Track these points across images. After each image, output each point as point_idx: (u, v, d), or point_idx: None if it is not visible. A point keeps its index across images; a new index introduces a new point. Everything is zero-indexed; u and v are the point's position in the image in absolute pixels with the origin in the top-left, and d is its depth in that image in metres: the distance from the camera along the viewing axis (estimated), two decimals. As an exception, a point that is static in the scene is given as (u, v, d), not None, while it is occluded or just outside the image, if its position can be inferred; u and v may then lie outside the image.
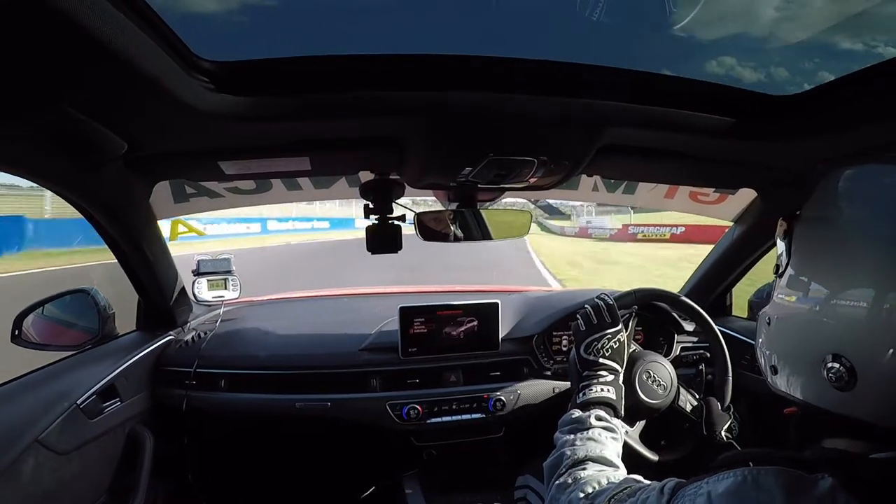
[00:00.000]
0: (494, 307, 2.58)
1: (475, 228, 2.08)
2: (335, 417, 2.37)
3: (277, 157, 1.68)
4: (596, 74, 1.36)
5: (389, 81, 1.29)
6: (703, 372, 2.31)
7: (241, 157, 1.67)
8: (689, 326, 2.50)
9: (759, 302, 2.71)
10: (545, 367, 2.59)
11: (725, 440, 1.92)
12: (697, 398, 2.07)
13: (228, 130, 1.41)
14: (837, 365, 0.92)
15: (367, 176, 2.02)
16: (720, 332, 2.18)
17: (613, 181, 2.72)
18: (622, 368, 1.80)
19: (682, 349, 2.61)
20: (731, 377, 2.10)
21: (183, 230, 2.78)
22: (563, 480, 1.41)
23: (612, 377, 1.76)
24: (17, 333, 1.97)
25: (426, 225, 2.03)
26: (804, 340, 1.01)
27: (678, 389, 2.02)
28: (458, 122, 1.46)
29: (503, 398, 2.49)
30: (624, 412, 1.84)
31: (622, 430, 1.61)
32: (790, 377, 1.07)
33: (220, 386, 2.37)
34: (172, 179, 2.17)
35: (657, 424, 2.03)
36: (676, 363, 2.23)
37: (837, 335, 0.93)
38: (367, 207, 2.01)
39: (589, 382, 1.73)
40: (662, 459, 1.99)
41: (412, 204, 2.25)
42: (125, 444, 2.18)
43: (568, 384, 2.16)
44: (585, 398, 1.69)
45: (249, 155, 1.66)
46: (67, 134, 1.30)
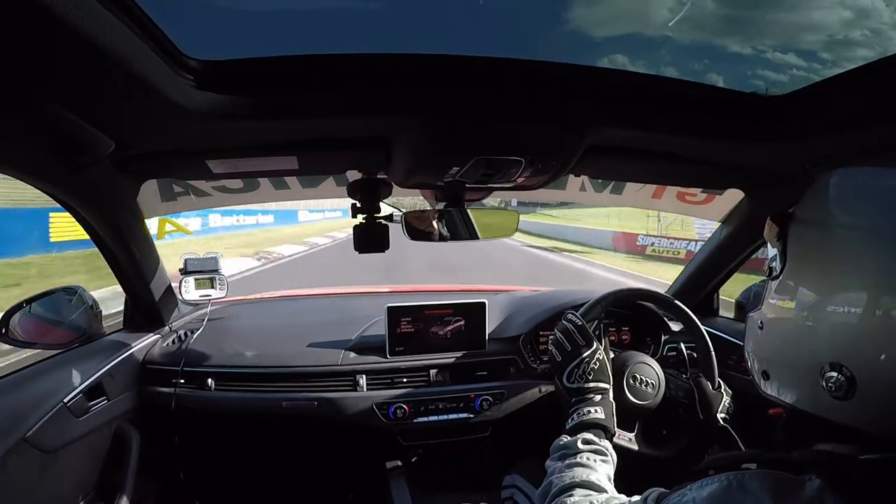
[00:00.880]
0: (481, 307, 2.59)
1: (462, 228, 2.08)
2: (322, 417, 2.37)
3: (265, 156, 1.68)
4: (583, 75, 1.36)
5: (377, 81, 1.29)
6: (686, 360, 2.33)
7: (228, 156, 1.67)
8: (675, 326, 2.51)
9: (745, 302, 2.72)
10: (532, 366, 2.59)
11: (722, 422, 1.91)
12: (686, 381, 2.08)
13: (216, 129, 1.41)
14: (836, 374, 0.90)
15: (354, 175, 2.02)
16: (700, 323, 2.16)
17: (601, 181, 2.73)
18: (610, 383, 1.78)
19: (668, 348, 2.62)
20: (714, 356, 2.09)
21: (170, 228, 2.78)
22: None
23: (599, 397, 1.73)
24: (3, 331, 1.96)
25: (413, 224, 2.02)
26: (800, 347, 0.99)
27: (667, 381, 2.02)
28: (445, 121, 1.46)
29: (490, 398, 2.50)
30: (619, 418, 1.85)
31: (612, 452, 1.57)
32: (783, 384, 1.06)
33: (206, 385, 2.37)
34: (160, 178, 2.17)
35: (654, 419, 2.03)
36: (664, 362, 2.24)
37: (837, 343, 0.92)
38: (354, 207, 2.01)
39: (577, 407, 1.71)
40: (666, 454, 2.00)
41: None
42: (112, 442, 2.18)
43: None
44: (573, 423, 1.66)
45: (237, 154, 1.66)
46: (55, 133, 1.30)
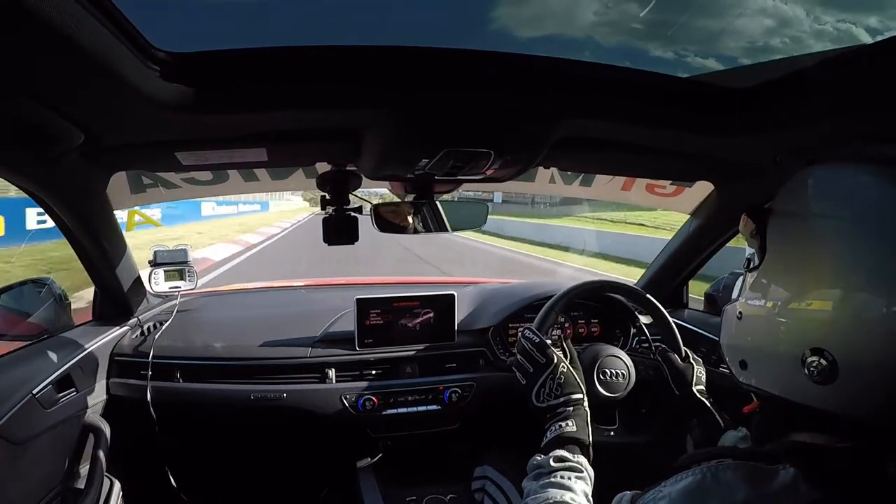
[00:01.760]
0: (451, 299, 2.61)
1: (432, 220, 2.08)
2: (290, 409, 2.38)
3: (234, 148, 1.68)
4: (552, 66, 1.37)
5: (346, 73, 1.30)
6: (650, 342, 2.37)
7: (197, 147, 1.67)
8: (645, 319, 2.54)
9: (716, 294, 2.74)
10: (501, 358, 2.60)
11: (698, 395, 1.91)
12: (654, 359, 2.09)
13: (185, 121, 1.40)
14: (818, 359, 0.92)
15: (324, 167, 2.02)
16: (659, 304, 2.21)
17: (570, 173, 2.74)
18: (582, 390, 1.76)
19: (637, 340, 2.66)
20: (674, 328, 2.13)
21: (139, 220, 2.77)
22: None
23: (571, 408, 1.71)
24: (-29, 323, 1.96)
25: (383, 216, 2.03)
26: (781, 335, 1.01)
27: (636, 365, 2.05)
28: (414, 114, 1.46)
29: (459, 390, 2.52)
30: (597, 413, 1.86)
31: (588, 467, 1.56)
32: (764, 372, 1.08)
33: (175, 376, 2.37)
34: (129, 170, 2.16)
35: (632, 405, 2.06)
36: (633, 352, 2.27)
37: (819, 330, 0.94)
38: (323, 199, 2.01)
39: (550, 423, 1.69)
40: (650, 438, 2.03)
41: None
42: (81, 434, 2.17)
43: None
44: (546, 440, 1.65)
45: (206, 146, 1.66)
46: (23, 124, 1.29)
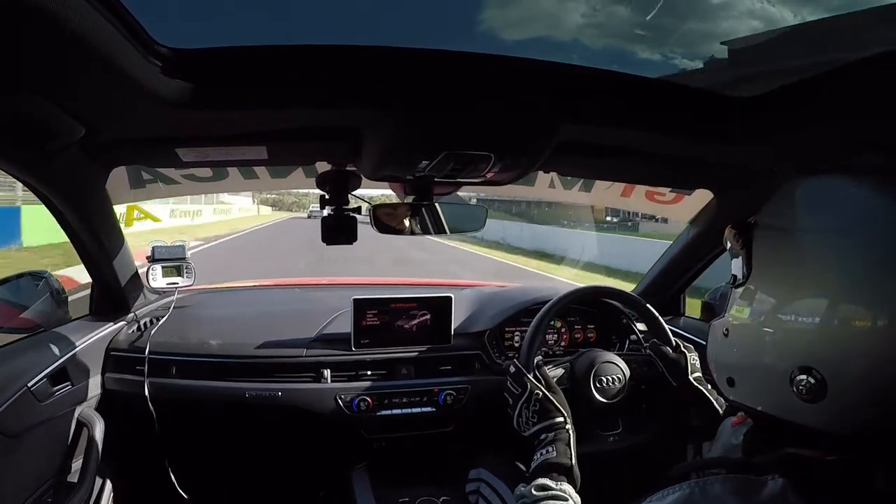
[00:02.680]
0: (448, 301, 2.61)
1: (431, 222, 2.08)
2: (285, 407, 2.38)
3: (234, 145, 1.68)
4: (554, 70, 1.36)
5: (346, 73, 1.30)
6: (640, 339, 2.40)
7: (198, 144, 1.67)
8: (641, 325, 2.54)
9: (713, 303, 2.74)
10: (496, 362, 2.61)
11: (695, 383, 1.94)
12: (647, 354, 2.14)
13: (185, 117, 1.40)
14: (807, 377, 0.91)
15: (324, 167, 2.02)
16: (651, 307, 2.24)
17: (570, 178, 2.75)
18: (563, 413, 1.79)
19: (630, 346, 2.65)
20: (661, 319, 2.18)
21: (139, 216, 2.77)
22: None
23: (552, 434, 1.73)
24: (-33, 314, 1.96)
25: (381, 217, 2.02)
26: (769, 353, 1.00)
27: (629, 364, 2.07)
28: (415, 115, 1.46)
29: (453, 392, 2.52)
30: (600, 420, 1.88)
31: (573, 494, 1.57)
32: (751, 389, 1.07)
33: (170, 372, 2.37)
34: (129, 165, 2.16)
35: (632, 406, 2.07)
36: (627, 353, 2.28)
37: (807, 347, 0.93)
38: (322, 198, 2.01)
39: (535, 452, 1.72)
40: (654, 436, 2.04)
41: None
42: (75, 427, 2.17)
43: None
44: (531, 469, 1.68)
45: (206, 143, 1.66)
46: (24, 117, 1.30)
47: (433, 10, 1.31)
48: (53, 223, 2.00)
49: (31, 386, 1.87)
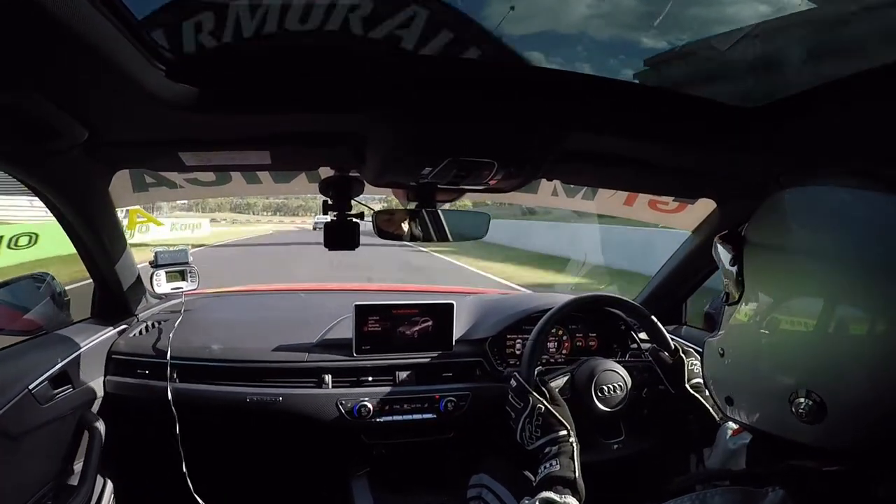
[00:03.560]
0: (449, 308, 2.60)
1: (433, 229, 2.07)
2: (286, 412, 2.37)
3: (238, 149, 1.68)
4: (558, 79, 1.36)
5: (349, 77, 1.30)
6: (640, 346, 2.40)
7: (201, 148, 1.67)
8: (642, 334, 2.54)
9: (714, 313, 2.72)
10: (498, 369, 2.60)
11: (692, 391, 1.95)
12: (647, 360, 2.15)
13: (189, 121, 1.41)
14: (805, 400, 0.90)
15: (327, 172, 2.02)
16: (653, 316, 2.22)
17: (573, 186, 2.75)
18: (566, 426, 1.78)
19: (631, 354, 2.66)
20: (659, 325, 2.17)
21: (141, 219, 2.78)
22: None
23: (556, 447, 1.73)
24: (-31, 316, 1.97)
25: (384, 223, 2.02)
26: (767, 374, 0.99)
27: (629, 372, 2.07)
28: (418, 121, 1.45)
29: (454, 399, 2.51)
30: (603, 428, 1.88)
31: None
32: (750, 409, 1.06)
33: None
34: (132, 168, 2.16)
35: (634, 413, 2.08)
36: (628, 360, 2.28)
37: (806, 370, 0.92)
38: (325, 203, 2.01)
39: (539, 466, 1.71)
40: (656, 441, 2.06)
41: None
42: (76, 430, 2.18)
43: None
44: (535, 483, 1.66)
45: (210, 147, 1.66)
46: (29, 119, 1.30)
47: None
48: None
49: (32, 388, 1.88)
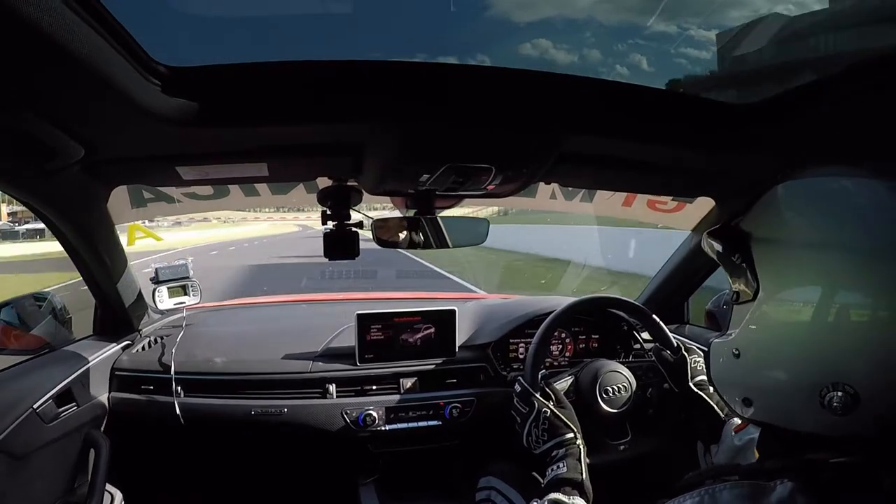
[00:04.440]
0: (451, 314, 2.61)
1: (432, 236, 2.06)
2: (291, 424, 2.37)
3: (235, 162, 1.67)
4: (554, 82, 1.36)
5: (346, 88, 1.29)
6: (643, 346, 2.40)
7: (198, 162, 1.67)
8: (645, 334, 2.54)
9: (716, 311, 2.72)
10: (501, 374, 2.60)
11: (695, 389, 1.94)
12: (650, 360, 2.15)
13: (185, 135, 1.40)
14: (839, 393, 0.89)
15: (324, 182, 2.02)
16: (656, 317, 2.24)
17: (571, 189, 2.75)
18: (571, 428, 1.80)
19: (634, 354, 2.66)
20: (661, 324, 2.18)
21: (140, 235, 2.78)
22: None
23: (563, 450, 1.74)
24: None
25: (383, 232, 2.03)
26: (793, 372, 0.97)
27: (633, 372, 2.07)
28: (415, 129, 1.46)
29: (459, 405, 2.51)
30: (609, 429, 1.90)
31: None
32: (773, 407, 1.04)
33: (176, 390, 2.36)
34: (130, 184, 2.16)
35: (639, 412, 2.07)
36: (631, 361, 2.29)
37: (836, 363, 0.91)
38: (324, 214, 2.01)
39: (547, 468, 1.72)
40: (663, 440, 2.06)
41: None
42: (81, 448, 2.17)
43: None
44: (543, 486, 1.68)
45: (207, 160, 1.66)
46: (24, 138, 1.29)
47: (432, 22, 1.31)
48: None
49: (36, 408, 1.87)
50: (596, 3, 1.31)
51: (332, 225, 2.00)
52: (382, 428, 2.43)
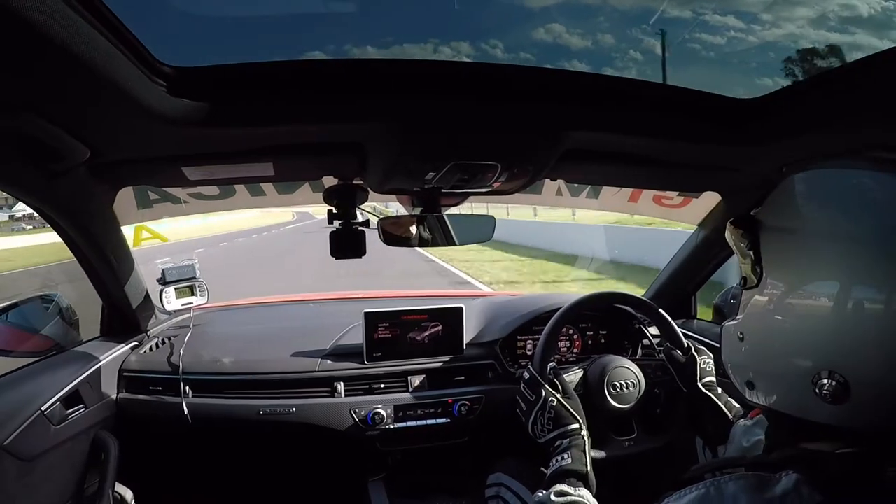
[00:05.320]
0: (459, 312, 2.60)
1: (439, 233, 2.06)
2: (299, 423, 2.37)
3: (241, 162, 1.67)
4: (559, 78, 1.36)
5: (351, 87, 1.29)
6: (653, 345, 2.41)
7: (204, 162, 1.67)
8: (653, 329, 2.53)
9: (724, 305, 2.72)
10: (510, 371, 2.60)
11: (704, 389, 1.92)
12: (659, 359, 2.14)
13: (191, 136, 1.40)
14: (829, 381, 0.91)
15: (330, 181, 2.01)
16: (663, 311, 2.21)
17: (577, 185, 2.74)
18: (578, 420, 1.79)
19: (643, 350, 2.66)
20: (671, 322, 2.15)
21: (146, 236, 2.78)
22: None
23: (567, 440, 1.74)
24: (-22, 340, 1.97)
25: (389, 230, 2.03)
26: (789, 357, 0.99)
27: (642, 370, 2.06)
28: (420, 127, 1.45)
29: (467, 403, 2.51)
30: (615, 425, 1.91)
31: (591, 499, 1.58)
32: (772, 391, 1.06)
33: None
34: (136, 185, 2.16)
35: (647, 410, 2.07)
36: (641, 358, 2.29)
37: (829, 351, 0.92)
38: (330, 213, 2.00)
39: (551, 458, 1.72)
40: (669, 439, 2.04)
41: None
42: (90, 449, 2.17)
43: None
44: (548, 476, 1.68)
45: (213, 160, 1.66)
46: (30, 140, 1.29)
47: (436, 21, 1.31)
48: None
49: (44, 410, 1.88)
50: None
51: (338, 224, 2.00)
52: (391, 426, 2.43)
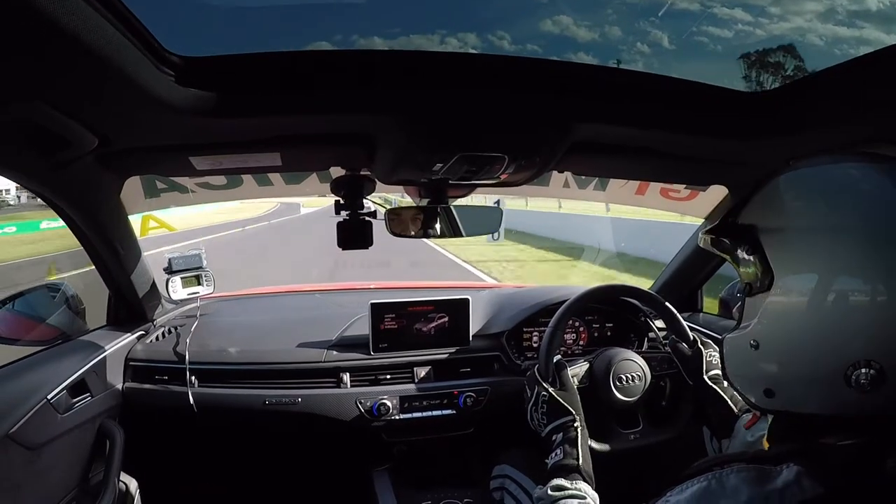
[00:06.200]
0: (465, 303, 2.60)
1: (445, 225, 2.06)
2: (305, 414, 2.38)
3: (248, 152, 1.67)
4: (566, 70, 1.36)
5: (359, 79, 1.29)
6: (659, 338, 2.40)
7: (211, 152, 1.67)
8: (659, 322, 2.53)
9: (730, 298, 2.71)
10: (516, 363, 2.60)
11: (710, 382, 1.94)
12: (665, 352, 2.15)
13: (198, 125, 1.40)
14: (865, 370, 0.89)
15: (338, 172, 2.02)
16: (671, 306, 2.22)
17: (584, 177, 2.74)
18: (572, 412, 1.81)
19: (649, 343, 2.66)
20: (678, 315, 2.17)
21: (153, 225, 2.78)
22: None
23: (561, 434, 1.76)
24: (-15, 327, 1.97)
25: (396, 221, 2.02)
26: (817, 356, 0.96)
27: (648, 363, 2.07)
28: (428, 119, 1.46)
29: (473, 394, 2.51)
30: (620, 418, 1.93)
31: (590, 492, 1.60)
32: (797, 395, 1.02)
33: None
34: (143, 174, 2.16)
35: (652, 402, 2.09)
36: (647, 351, 2.30)
37: (859, 342, 0.91)
38: (337, 203, 2.00)
39: (550, 452, 1.75)
40: (675, 433, 2.05)
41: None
42: (96, 438, 2.18)
43: None
44: (547, 470, 1.70)
45: (220, 150, 1.66)
46: (38, 129, 1.29)
47: (443, 11, 1.31)
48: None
49: (50, 398, 1.88)
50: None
51: (345, 214, 2.00)
52: (396, 417, 2.43)
